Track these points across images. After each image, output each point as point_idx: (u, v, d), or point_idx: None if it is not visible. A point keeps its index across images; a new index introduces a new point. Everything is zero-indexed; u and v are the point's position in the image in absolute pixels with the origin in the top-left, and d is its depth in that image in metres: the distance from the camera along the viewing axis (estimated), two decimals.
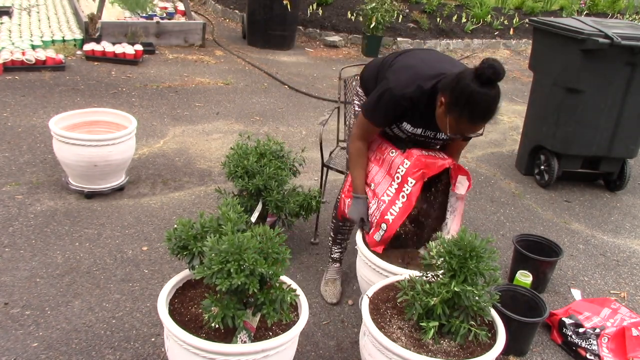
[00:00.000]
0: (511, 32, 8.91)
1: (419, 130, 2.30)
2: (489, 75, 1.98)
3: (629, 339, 2.41)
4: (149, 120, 4.50)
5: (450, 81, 2.06)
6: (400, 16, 8.23)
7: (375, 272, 2.25)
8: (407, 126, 2.30)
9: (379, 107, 2.23)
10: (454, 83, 2.04)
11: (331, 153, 3.25)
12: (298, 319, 1.88)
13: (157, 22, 6.53)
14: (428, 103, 2.15)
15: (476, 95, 1.99)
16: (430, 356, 1.77)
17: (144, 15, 6.75)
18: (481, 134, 2.19)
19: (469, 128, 2.08)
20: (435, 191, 2.42)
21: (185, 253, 1.89)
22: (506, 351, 2.41)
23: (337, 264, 2.78)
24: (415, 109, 2.19)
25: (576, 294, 2.94)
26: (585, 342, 2.44)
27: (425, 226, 2.39)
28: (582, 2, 10.52)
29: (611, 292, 3.02)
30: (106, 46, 5.74)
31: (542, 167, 4.21)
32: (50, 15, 6.88)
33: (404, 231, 2.37)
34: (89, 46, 5.72)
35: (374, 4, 7.18)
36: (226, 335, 1.80)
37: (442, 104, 2.08)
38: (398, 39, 7.88)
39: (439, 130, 2.25)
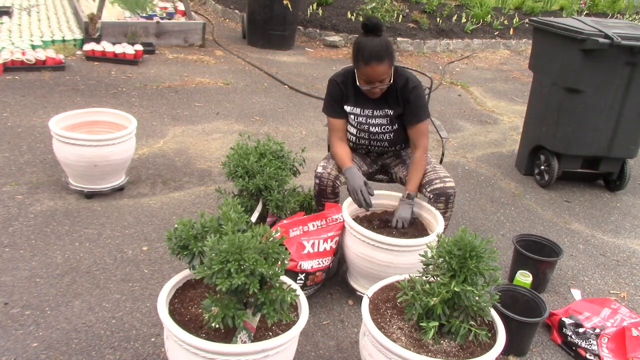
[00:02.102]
0: (511, 32, 8.91)
1: (357, 110, 2.72)
2: (367, 24, 2.51)
3: (629, 339, 2.41)
4: (149, 120, 4.50)
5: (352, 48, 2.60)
6: (400, 16, 8.23)
7: (364, 244, 2.47)
8: (348, 109, 2.72)
9: (326, 97, 2.77)
10: (352, 46, 2.59)
11: None
12: (298, 319, 1.88)
13: (157, 22, 6.53)
14: (353, 82, 2.65)
15: (362, 42, 2.50)
16: (430, 356, 1.77)
17: (144, 15, 6.75)
18: (390, 83, 2.59)
19: (368, 71, 2.51)
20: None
21: (185, 253, 1.88)
22: (506, 351, 2.41)
23: None
24: (347, 87, 2.68)
25: (576, 294, 2.94)
26: (585, 342, 2.45)
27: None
28: (582, 2, 10.52)
29: (611, 292, 3.02)
30: (106, 46, 5.74)
31: (542, 167, 4.21)
32: (50, 15, 6.88)
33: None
34: (89, 46, 5.72)
35: (374, 4, 7.19)
36: (226, 335, 1.80)
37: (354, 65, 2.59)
38: (398, 38, 7.88)
39: (373, 107, 2.69)
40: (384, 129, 2.75)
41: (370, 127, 2.75)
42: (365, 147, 2.85)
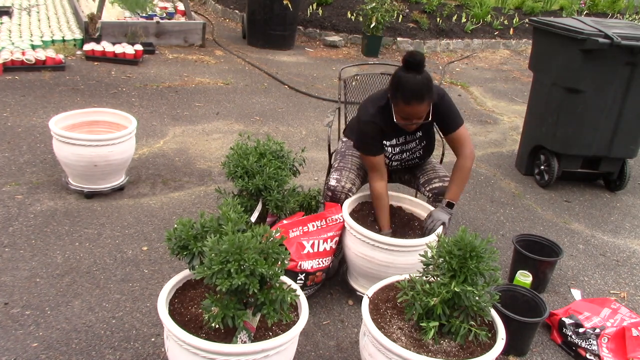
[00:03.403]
0: (511, 32, 8.91)
1: (394, 141, 2.66)
2: (408, 60, 2.40)
3: (629, 339, 2.41)
4: (149, 120, 4.50)
5: (390, 79, 2.53)
6: (400, 16, 8.23)
7: (364, 244, 2.47)
8: (386, 142, 2.66)
9: (364, 138, 2.64)
10: (391, 78, 2.51)
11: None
12: (298, 319, 1.88)
13: (157, 22, 6.53)
14: (386, 118, 2.56)
15: (403, 79, 2.40)
16: (430, 356, 1.77)
17: (144, 15, 6.75)
18: (428, 120, 2.54)
19: (407, 110, 2.44)
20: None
21: (185, 253, 1.88)
22: (506, 351, 2.41)
23: None
24: (384, 123, 2.58)
25: (576, 294, 2.94)
26: (585, 342, 2.44)
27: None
28: (582, 2, 10.52)
29: (611, 292, 3.02)
30: (106, 46, 5.74)
31: (542, 167, 4.21)
32: (50, 15, 6.88)
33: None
34: (89, 46, 5.72)
35: (374, 4, 7.18)
36: (226, 335, 1.80)
37: (390, 99, 2.51)
38: (398, 38, 7.88)
39: (406, 134, 2.64)
40: (414, 151, 2.73)
41: (403, 154, 2.72)
42: (395, 168, 2.83)
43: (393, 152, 2.70)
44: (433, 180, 2.72)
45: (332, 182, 2.72)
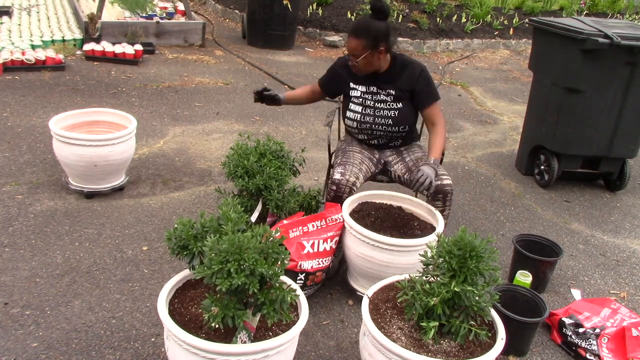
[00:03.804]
0: (511, 32, 8.91)
1: (363, 88, 2.83)
2: (372, 4, 2.67)
3: (629, 339, 2.41)
4: (149, 120, 4.50)
5: None
6: (400, 16, 8.23)
7: (364, 244, 2.48)
8: (353, 85, 2.85)
9: (328, 69, 2.99)
10: None
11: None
12: (298, 319, 1.88)
13: (157, 22, 6.53)
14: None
15: (361, 17, 2.78)
16: (430, 356, 1.77)
17: (144, 15, 6.75)
18: (357, 58, 2.69)
19: (348, 41, 2.71)
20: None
21: (185, 253, 1.88)
22: (506, 351, 2.41)
23: None
24: (350, 69, 2.81)
25: (576, 294, 2.94)
26: (585, 342, 2.45)
27: None
28: (582, 2, 10.52)
29: (611, 292, 3.02)
30: (106, 46, 5.74)
31: (542, 167, 4.21)
32: (50, 15, 6.88)
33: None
34: (89, 46, 5.72)
35: None
36: (226, 335, 1.80)
37: None
38: (398, 38, 7.88)
39: (376, 85, 2.80)
40: (388, 105, 2.82)
41: (376, 103, 2.83)
42: (369, 126, 2.87)
43: (362, 96, 2.84)
44: None
45: (337, 176, 2.72)
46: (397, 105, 2.81)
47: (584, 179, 4.34)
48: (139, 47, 5.89)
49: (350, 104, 2.88)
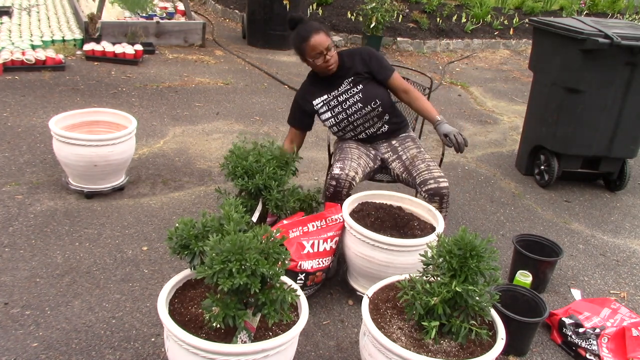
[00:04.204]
0: (511, 32, 8.91)
1: (325, 97, 2.92)
2: (289, 20, 2.94)
3: (629, 339, 2.41)
4: (149, 120, 4.50)
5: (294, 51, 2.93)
6: (400, 16, 8.23)
7: (364, 244, 2.48)
8: (315, 101, 2.95)
9: (291, 108, 3.10)
10: (293, 48, 2.93)
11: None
12: (298, 319, 1.88)
13: (157, 22, 6.53)
14: (312, 81, 2.99)
15: (294, 33, 2.88)
16: (430, 356, 1.77)
17: (144, 15, 6.75)
18: (334, 46, 2.84)
19: (310, 44, 2.79)
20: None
21: (186, 252, 1.88)
22: (506, 351, 2.41)
23: None
24: (306, 92, 2.99)
25: (576, 294, 2.94)
26: (585, 342, 2.45)
27: None
28: (582, 2, 10.52)
29: (611, 292, 3.02)
30: (106, 46, 5.74)
31: (542, 167, 4.21)
32: (50, 15, 6.88)
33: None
34: (89, 46, 5.72)
35: (374, 4, 7.18)
36: (226, 335, 1.80)
37: (305, 62, 2.91)
38: (398, 38, 7.88)
39: (335, 87, 2.90)
40: (350, 93, 2.89)
41: (343, 104, 2.90)
42: (347, 122, 2.94)
43: (329, 107, 2.92)
44: (428, 181, 2.73)
45: (336, 171, 2.73)
46: (358, 89, 2.89)
47: (584, 179, 4.34)
48: (139, 47, 5.89)
49: (321, 115, 2.97)
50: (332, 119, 2.95)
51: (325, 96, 2.93)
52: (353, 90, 2.89)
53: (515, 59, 8.41)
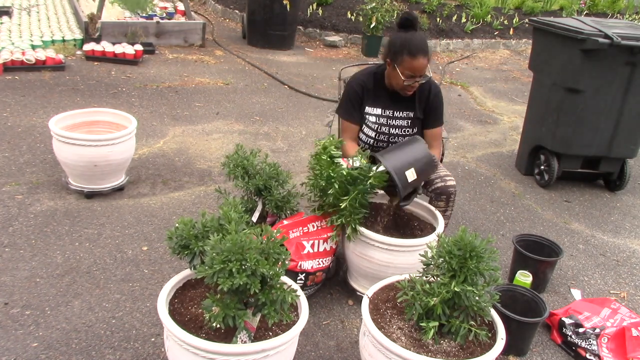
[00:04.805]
0: (511, 32, 8.91)
1: (378, 110, 2.72)
2: (406, 18, 2.54)
3: (629, 339, 2.41)
4: (149, 120, 4.50)
5: (387, 45, 2.61)
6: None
7: (364, 244, 2.49)
8: (368, 109, 2.72)
9: (345, 99, 2.76)
10: (389, 43, 2.59)
11: None
12: (298, 319, 1.88)
13: (157, 22, 6.53)
14: (376, 83, 2.68)
15: (405, 36, 2.52)
16: (430, 356, 1.77)
17: (144, 15, 6.75)
18: (429, 77, 2.62)
19: (413, 63, 2.51)
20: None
21: (186, 252, 1.89)
22: (506, 351, 2.41)
23: None
24: (367, 89, 2.71)
25: (576, 294, 2.94)
26: (585, 342, 2.45)
27: None
28: (582, 2, 10.52)
29: (611, 292, 3.02)
30: (106, 46, 5.74)
31: (542, 167, 4.21)
32: (50, 15, 6.88)
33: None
34: (89, 46, 5.72)
35: (374, 4, 7.18)
36: (226, 335, 1.80)
37: (389, 64, 2.60)
38: None
39: (395, 108, 2.69)
40: (404, 131, 2.75)
41: (391, 129, 2.74)
42: (377, 145, 2.80)
43: (378, 122, 2.73)
44: (435, 180, 2.73)
45: None
46: (413, 131, 2.74)
47: (584, 179, 4.34)
48: (139, 47, 5.89)
49: (364, 126, 2.77)
50: (370, 140, 2.77)
51: (380, 111, 2.73)
52: (406, 131, 2.74)
53: (515, 59, 8.41)
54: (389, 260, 2.44)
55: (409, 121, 2.73)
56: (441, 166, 2.84)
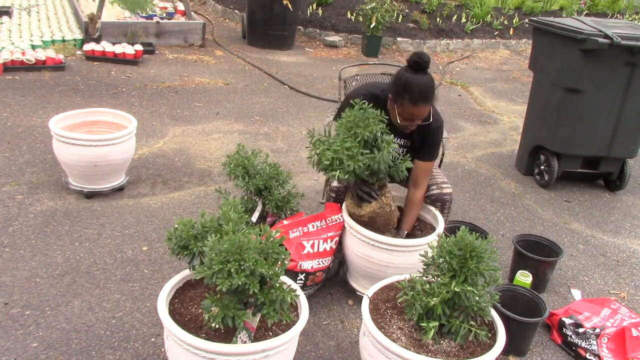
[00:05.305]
0: (511, 32, 8.91)
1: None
2: (416, 61, 2.38)
3: (629, 339, 2.41)
4: (149, 120, 4.50)
5: (392, 79, 2.50)
6: (400, 16, 8.23)
7: (364, 244, 2.48)
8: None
9: (340, 111, 2.63)
10: (394, 78, 2.47)
11: None
12: (298, 319, 1.88)
13: (157, 22, 6.53)
14: (378, 107, 2.45)
15: (411, 80, 2.38)
16: (430, 356, 1.77)
17: (144, 15, 6.74)
18: (429, 121, 2.51)
19: (413, 110, 2.41)
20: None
21: (185, 253, 1.89)
22: (506, 351, 2.41)
23: None
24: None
25: (576, 294, 2.94)
26: (585, 342, 2.45)
27: None
28: (582, 2, 10.52)
29: (611, 292, 3.02)
30: (106, 46, 5.74)
31: (542, 167, 4.21)
32: (50, 15, 6.88)
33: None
34: (89, 46, 5.72)
35: (374, 4, 7.18)
36: (226, 335, 1.80)
37: (390, 99, 2.50)
38: (398, 39, 7.88)
39: (392, 133, 2.47)
40: (402, 151, 2.67)
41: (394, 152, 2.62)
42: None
43: None
44: (431, 187, 2.73)
45: (335, 183, 2.71)
46: (406, 156, 2.61)
47: (584, 179, 4.34)
48: (139, 47, 5.89)
49: None
50: None
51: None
52: (400, 156, 2.65)
53: (515, 59, 8.41)
54: (389, 260, 2.44)
55: (403, 150, 2.66)
56: (439, 172, 2.82)
